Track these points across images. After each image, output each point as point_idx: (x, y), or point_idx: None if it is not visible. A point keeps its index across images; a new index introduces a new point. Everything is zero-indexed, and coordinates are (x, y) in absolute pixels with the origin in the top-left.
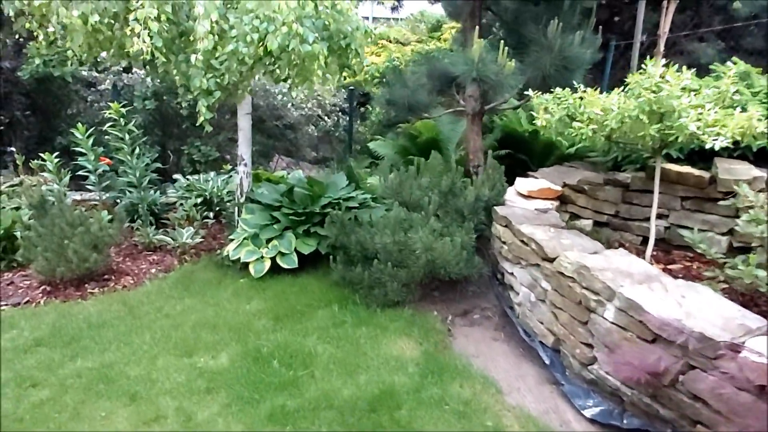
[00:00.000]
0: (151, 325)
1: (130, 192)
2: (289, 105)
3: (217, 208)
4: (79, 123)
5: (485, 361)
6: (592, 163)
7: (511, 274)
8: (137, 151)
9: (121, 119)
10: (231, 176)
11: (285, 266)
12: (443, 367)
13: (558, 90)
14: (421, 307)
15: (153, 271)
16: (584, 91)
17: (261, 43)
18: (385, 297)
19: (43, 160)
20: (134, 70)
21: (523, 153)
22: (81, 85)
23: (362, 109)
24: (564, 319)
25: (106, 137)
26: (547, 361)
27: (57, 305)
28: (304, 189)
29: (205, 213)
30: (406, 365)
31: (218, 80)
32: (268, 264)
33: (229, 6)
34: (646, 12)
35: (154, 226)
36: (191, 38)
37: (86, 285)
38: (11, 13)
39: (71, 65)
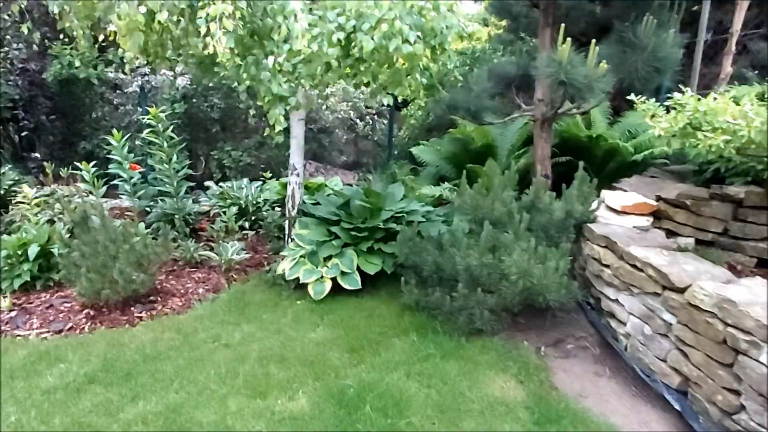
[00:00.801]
0: (211, 358)
1: (161, 201)
2: (324, 107)
3: (253, 218)
4: (114, 129)
5: (597, 403)
6: (674, 173)
7: (615, 300)
8: (174, 158)
9: (159, 125)
10: (265, 183)
11: (347, 287)
12: (557, 412)
13: (677, 95)
14: (508, 336)
15: (200, 291)
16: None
17: (346, 44)
18: (471, 325)
19: (76, 168)
20: (162, 71)
21: (581, 160)
22: (106, 88)
23: (400, 112)
24: (698, 359)
25: (137, 143)
26: (677, 406)
27: (104, 333)
28: (362, 201)
29: (241, 223)
30: (514, 409)
31: (293, 84)
32: (328, 285)
33: (308, 1)
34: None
35: (192, 239)
36: (267, 38)
37: (132, 308)
38: (56, 11)
39: (98, 67)
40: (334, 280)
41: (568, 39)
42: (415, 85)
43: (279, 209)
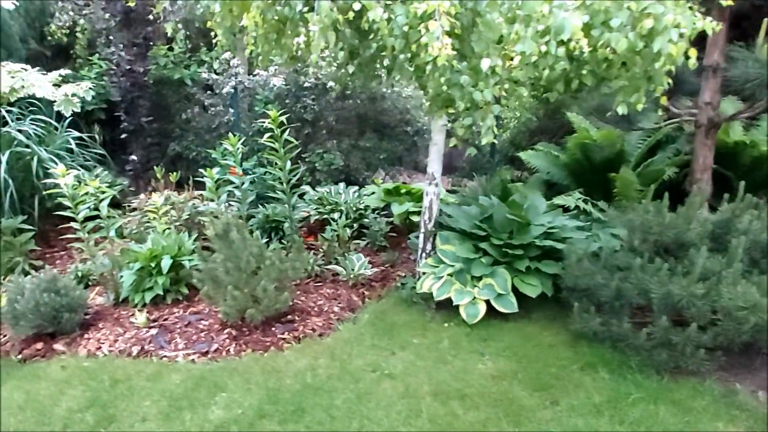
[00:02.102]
0: (379, 391)
1: (263, 206)
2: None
3: (354, 225)
4: (231, 133)
5: None
6: None
7: None
8: (288, 165)
9: (278, 129)
10: (362, 188)
11: (501, 310)
12: None
13: None
14: (716, 377)
15: (336, 309)
16: None
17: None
18: (673, 363)
19: (200, 175)
20: (257, 71)
21: (726, 168)
22: (197, 89)
23: None
24: None
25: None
26: None
27: (254, 357)
28: (509, 214)
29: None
30: None
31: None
32: (482, 308)
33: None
34: None
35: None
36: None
37: (273, 328)
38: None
39: (190, 68)
40: (487, 302)
41: None
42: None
43: (381, 216)
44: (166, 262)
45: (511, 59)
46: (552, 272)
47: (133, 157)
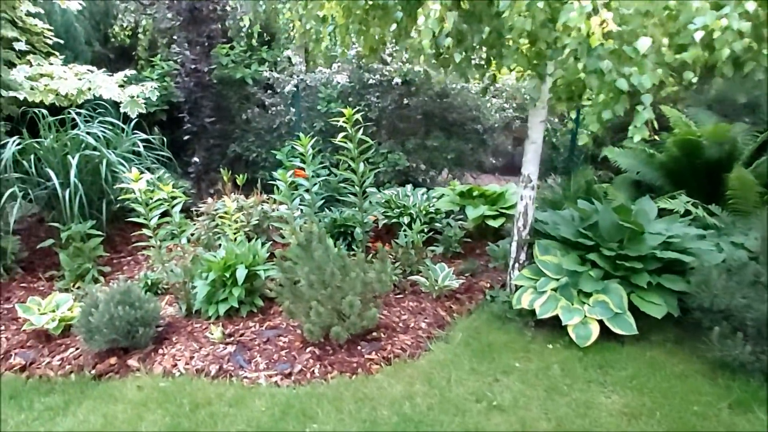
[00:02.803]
0: (488, 426)
1: (329, 210)
2: (489, 106)
3: (425, 229)
4: (297, 134)
5: None
6: None
7: None
8: (362, 167)
9: (352, 128)
10: (431, 190)
11: (619, 332)
12: None
13: None
14: None
15: (423, 325)
16: None
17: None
18: None
19: (262, 177)
20: (319, 68)
21: None
22: (258, 88)
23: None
24: None
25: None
26: None
27: (341, 381)
28: (616, 220)
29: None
30: None
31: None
32: (595, 329)
33: None
34: None
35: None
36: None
37: (358, 347)
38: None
39: (251, 66)
40: (599, 321)
41: None
42: None
43: (450, 220)
44: (241, 273)
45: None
46: (678, 289)
47: (195, 159)
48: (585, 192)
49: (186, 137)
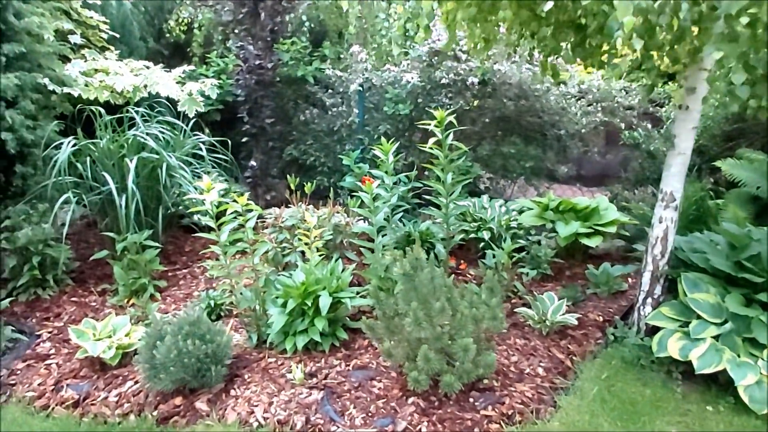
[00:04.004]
0: None
1: (402, 222)
2: (573, 109)
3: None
4: (384, 136)
5: None
6: None
7: None
8: (450, 177)
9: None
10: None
11: None
12: None
13: None
14: None
15: (540, 371)
16: None
17: None
18: None
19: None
20: (387, 67)
21: None
22: (319, 87)
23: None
24: None
25: (347, 148)
26: None
27: None
28: None
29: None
30: None
31: None
32: None
33: None
34: None
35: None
36: None
37: (470, 398)
38: None
39: (312, 64)
40: None
41: None
42: None
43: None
44: (324, 302)
45: None
46: None
47: (253, 162)
48: (696, 208)
49: (243, 139)
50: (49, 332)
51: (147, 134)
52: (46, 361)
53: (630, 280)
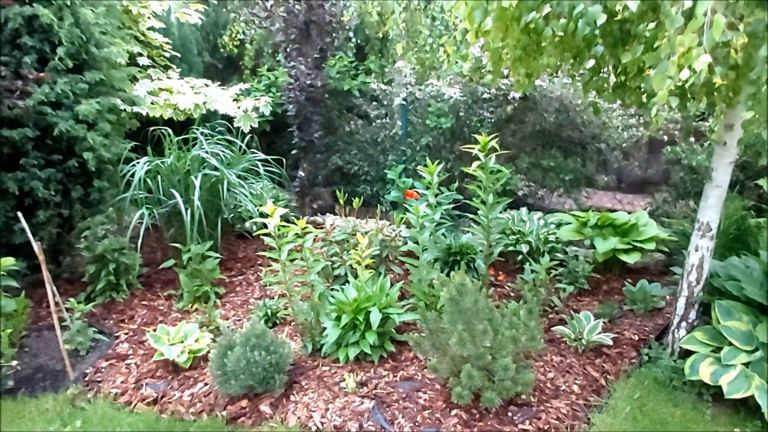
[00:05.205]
0: None
1: (443, 235)
2: (615, 122)
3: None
4: (426, 148)
5: None
6: None
7: None
8: (491, 198)
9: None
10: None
11: None
12: None
13: None
14: None
15: (575, 389)
16: None
17: None
18: None
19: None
20: (430, 81)
21: None
22: (364, 100)
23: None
24: None
25: (390, 158)
26: None
27: None
28: None
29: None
30: None
31: None
32: None
33: None
34: None
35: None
36: None
37: (508, 412)
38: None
39: (358, 77)
40: None
41: None
42: None
43: (579, 251)
44: (375, 317)
45: None
46: None
47: (301, 173)
48: (737, 227)
49: (293, 151)
50: (126, 334)
51: (209, 152)
52: (126, 360)
53: (667, 297)
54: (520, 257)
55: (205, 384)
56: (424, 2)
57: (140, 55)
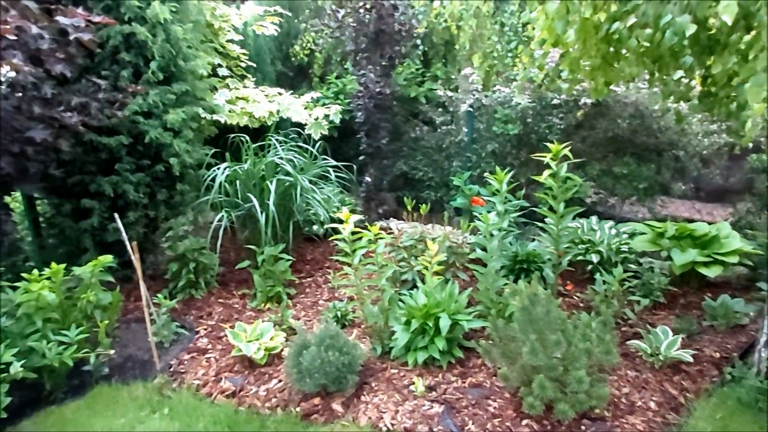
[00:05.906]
0: None
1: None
2: (695, 128)
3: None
4: (492, 155)
5: None
6: None
7: None
8: (562, 207)
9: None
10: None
11: None
12: None
13: None
14: None
15: (652, 405)
16: None
17: None
18: None
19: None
20: (497, 87)
21: None
22: (430, 106)
23: None
24: None
25: (455, 164)
26: None
27: None
28: None
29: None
30: None
31: None
32: None
33: None
34: None
35: None
36: None
37: (582, 425)
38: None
39: (424, 84)
40: None
41: None
42: None
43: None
44: (445, 323)
45: None
46: None
47: (368, 178)
48: None
49: (360, 157)
50: (205, 329)
51: (283, 158)
52: (206, 354)
53: (751, 313)
54: (589, 267)
55: (280, 380)
56: (493, 8)
57: (220, 66)
